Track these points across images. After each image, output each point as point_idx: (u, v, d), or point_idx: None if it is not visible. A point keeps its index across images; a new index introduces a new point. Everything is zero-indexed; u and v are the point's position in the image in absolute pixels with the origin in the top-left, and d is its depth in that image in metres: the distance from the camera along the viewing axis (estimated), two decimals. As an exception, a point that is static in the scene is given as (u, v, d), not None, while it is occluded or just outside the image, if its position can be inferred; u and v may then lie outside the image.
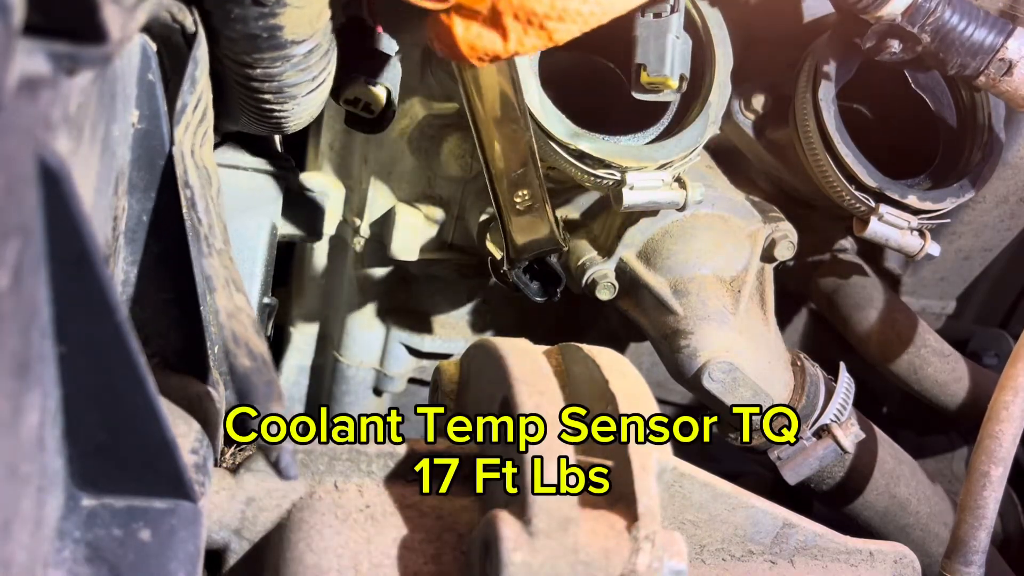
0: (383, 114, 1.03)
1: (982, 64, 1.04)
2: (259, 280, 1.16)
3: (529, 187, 1.07)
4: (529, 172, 1.05)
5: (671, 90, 1.07)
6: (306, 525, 0.64)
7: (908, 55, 1.05)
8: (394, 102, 1.02)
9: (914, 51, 1.04)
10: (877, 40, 1.04)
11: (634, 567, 0.58)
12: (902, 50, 1.03)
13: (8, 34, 0.37)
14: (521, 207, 1.08)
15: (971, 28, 1.02)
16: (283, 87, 0.85)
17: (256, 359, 0.56)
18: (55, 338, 0.48)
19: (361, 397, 1.57)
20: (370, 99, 1.01)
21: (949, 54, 1.04)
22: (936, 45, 1.03)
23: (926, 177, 1.26)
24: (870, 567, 0.78)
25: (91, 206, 0.55)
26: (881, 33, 1.04)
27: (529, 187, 1.07)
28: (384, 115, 1.03)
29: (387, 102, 1.02)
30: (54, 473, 0.52)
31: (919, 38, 1.01)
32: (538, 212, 1.09)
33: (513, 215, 1.09)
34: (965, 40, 1.03)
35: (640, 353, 1.59)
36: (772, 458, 1.20)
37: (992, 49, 1.03)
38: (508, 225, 1.10)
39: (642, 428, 0.63)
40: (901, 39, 1.03)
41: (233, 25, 0.75)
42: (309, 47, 0.82)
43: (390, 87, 1.02)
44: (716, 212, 1.24)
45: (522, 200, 1.07)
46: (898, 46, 1.03)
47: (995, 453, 0.96)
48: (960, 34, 1.02)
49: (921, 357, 1.35)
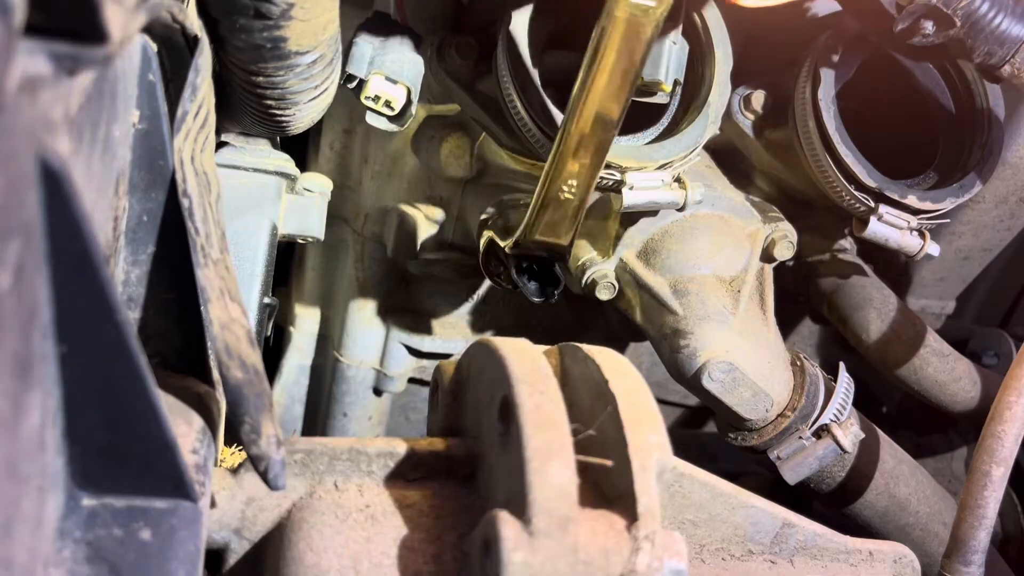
0: (403, 111, 1.03)
1: (1008, 53, 1.04)
2: (259, 280, 1.16)
3: (580, 184, 1.04)
4: (591, 167, 1.03)
5: (664, 93, 1.08)
6: (306, 525, 0.64)
7: (940, 38, 1.04)
8: (414, 100, 1.03)
9: (946, 34, 1.03)
10: (912, 21, 1.03)
11: (634, 567, 0.58)
12: (935, 32, 1.03)
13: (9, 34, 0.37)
14: (562, 195, 1.05)
15: (1000, 17, 1.02)
16: (286, 94, 0.85)
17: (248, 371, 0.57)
18: (56, 338, 0.48)
19: (361, 397, 1.57)
20: (391, 97, 1.02)
21: (977, 41, 1.03)
22: (965, 31, 1.03)
23: (926, 177, 1.26)
24: (870, 567, 0.78)
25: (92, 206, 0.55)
26: (916, 13, 1.03)
27: (580, 184, 1.04)
28: (404, 112, 1.04)
29: (407, 100, 1.03)
30: (54, 473, 0.52)
31: (953, 20, 1.01)
32: (572, 210, 1.07)
33: (554, 195, 1.05)
34: (994, 28, 1.03)
35: (640, 353, 1.59)
36: (772, 458, 1.20)
37: (1019, 40, 1.03)
38: (545, 200, 1.06)
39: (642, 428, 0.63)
40: (935, 20, 1.02)
41: (239, 35, 0.75)
42: (313, 58, 0.82)
43: (410, 85, 1.02)
44: (716, 212, 1.24)
45: (568, 189, 1.05)
46: (932, 28, 1.02)
47: (997, 453, 0.96)
48: (989, 22, 1.02)
49: (921, 357, 1.35)
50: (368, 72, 1.02)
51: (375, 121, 1.05)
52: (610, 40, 0.93)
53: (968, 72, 1.23)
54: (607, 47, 0.94)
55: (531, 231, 1.10)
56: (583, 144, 1.00)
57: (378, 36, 1.02)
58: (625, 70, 0.95)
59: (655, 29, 0.93)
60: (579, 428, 0.65)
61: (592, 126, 0.99)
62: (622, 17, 0.91)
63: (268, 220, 1.20)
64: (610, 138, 1.01)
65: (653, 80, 1.04)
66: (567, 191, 1.04)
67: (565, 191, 1.04)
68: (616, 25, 0.92)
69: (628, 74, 0.95)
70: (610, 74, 0.95)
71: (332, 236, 1.49)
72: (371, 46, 1.02)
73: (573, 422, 0.63)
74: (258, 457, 0.57)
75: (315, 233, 1.29)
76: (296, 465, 0.67)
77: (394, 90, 1.02)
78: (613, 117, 0.99)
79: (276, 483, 0.57)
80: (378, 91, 1.02)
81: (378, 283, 1.50)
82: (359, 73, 1.02)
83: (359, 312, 1.50)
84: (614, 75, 0.95)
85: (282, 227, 1.24)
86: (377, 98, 1.03)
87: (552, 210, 1.07)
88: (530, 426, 0.60)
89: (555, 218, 1.08)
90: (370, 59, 1.02)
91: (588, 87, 0.97)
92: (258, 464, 0.57)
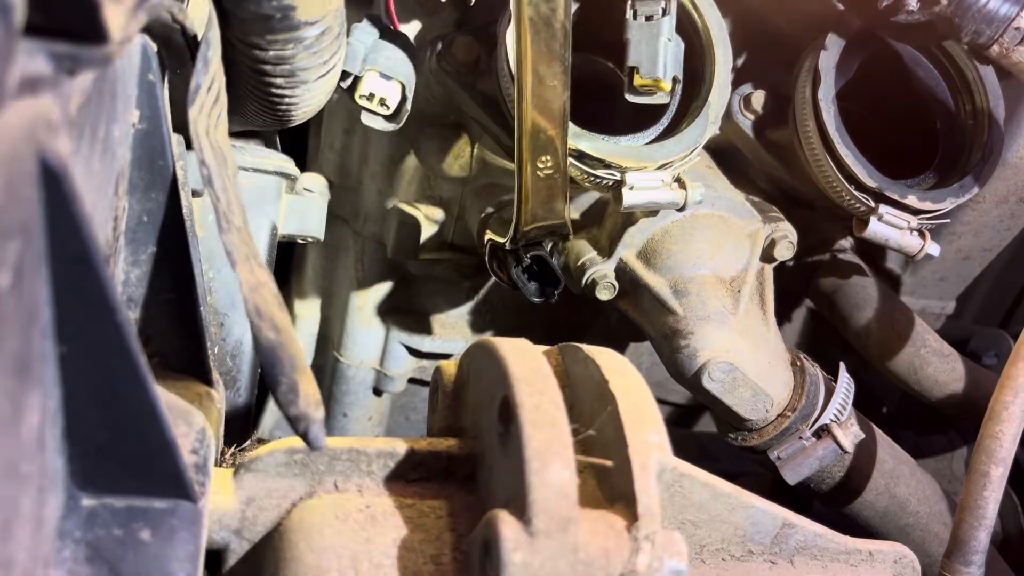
0: (398, 109, 1.03)
1: (996, 32, 1.03)
2: (259, 280, 1.16)
3: (553, 155, 1.03)
4: (557, 139, 1.01)
5: (664, 92, 1.07)
6: (306, 525, 0.64)
7: (925, 16, 1.03)
8: (408, 97, 1.03)
9: (932, 11, 1.02)
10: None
11: (634, 567, 0.58)
12: (919, 9, 1.02)
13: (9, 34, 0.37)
14: (542, 174, 1.04)
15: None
16: (295, 70, 0.85)
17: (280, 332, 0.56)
18: (55, 338, 0.48)
19: (361, 397, 1.57)
20: (385, 95, 1.02)
21: (964, 20, 1.03)
22: (952, 10, 1.02)
23: (926, 177, 1.26)
24: (870, 567, 0.78)
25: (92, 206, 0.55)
26: None
27: (553, 155, 1.03)
28: (399, 111, 1.04)
29: (402, 97, 1.03)
30: (54, 473, 0.52)
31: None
32: (556, 185, 1.05)
33: (532, 180, 1.04)
34: (981, 7, 1.02)
35: (640, 353, 1.59)
36: (772, 458, 1.20)
37: (1007, 18, 1.02)
38: (525, 189, 1.05)
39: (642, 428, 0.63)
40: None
41: (246, 6, 0.75)
42: (321, 29, 0.82)
43: (405, 82, 1.02)
44: (716, 212, 1.24)
45: (544, 166, 1.04)
46: (915, 3, 1.01)
47: (995, 453, 0.96)
48: (976, 0, 1.02)
49: (921, 357, 1.35)
50: (362, 69, 1.02)
51: (371, 121, 1.05)
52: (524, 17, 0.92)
53: (968, 72, 1.23)
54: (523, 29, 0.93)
55: (524, 220, 1.09)
56: (541, 112, 0.99)
57: (371, 35, 1.03)
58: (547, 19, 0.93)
59: None
60: (579, 428, 0.65)
61: (539, 91, 0.97)
62: None
63: (268, 220, 1.20)
64: (563, 101, 0.99)
65: (652, 78, 1.04)
66: (543, 168, 1.03)
67: (541, 168, 1.03)
68: None
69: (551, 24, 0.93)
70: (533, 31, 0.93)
71: (332, 236, 1.49)
72: (363, 45, 1.02)
73: (573, 422, 0.63)
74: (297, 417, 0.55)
75: (315, 233, 1.29)
76: (296, 465, 0.67)
77: (388, 87, 1.02)
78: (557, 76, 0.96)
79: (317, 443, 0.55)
80: (372, 88, 1.02)
81: (378, 283, 1.50)
82: (353, 70, 1.02)
83: (359, 312, 1.50)
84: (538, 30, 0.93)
85: (282, 227, 1.24)
86: (372, 96, 1.02)
87: (537, 192, 1.06)
88: (530, 426, 0.60)
89: (543, 198, 1.07)
90: (363, 56, 1.02)
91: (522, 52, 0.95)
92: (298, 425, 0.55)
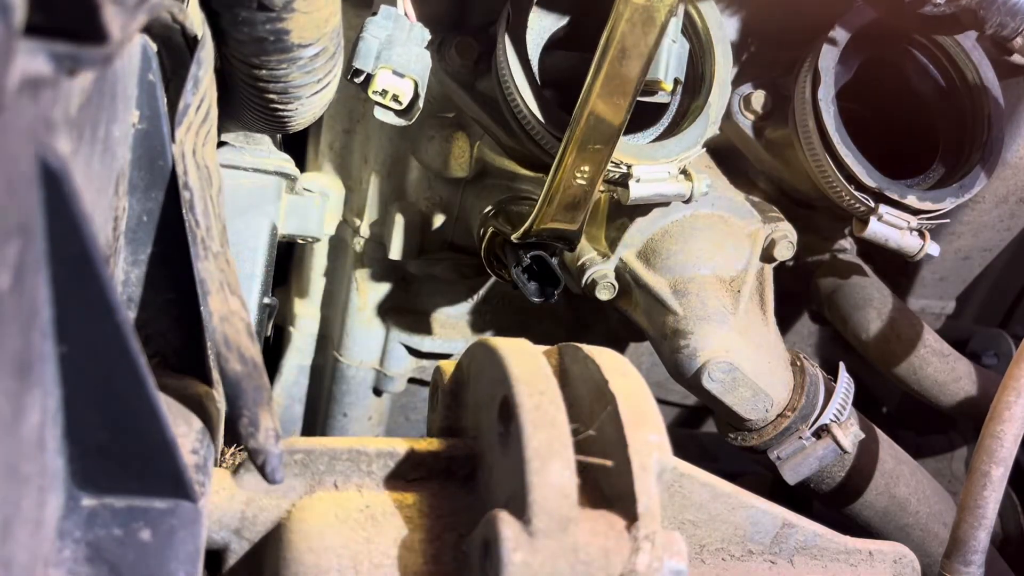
0: (410, 105, 1.03)
1: (1021, 24, 1.03)
2: (259, 280, 1.16)
3: (593, 169, 1.05)
4: (602, 153, 1.03)
5: (665, 92, 1.08)
6: (306, 525, 0.64)
7: (951, 8, 1.03)
8: (421, 94, 1.03)
9: (958, 3, 1.02)
10: None
11: (634, 567, 0.58)
12: (945, 2, 1.02)
13: (9, 34, 0.37)
14: (576, 181, 1.05)
15: None
16: (288, 88, 0.85)
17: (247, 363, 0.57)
18: (55, 338, 0.48)
19: (361, 397, 1.57)
20: (398, 91, 1.02)
21: (989, 12, 1.03)
22: (977, 2, 1.02)
23: (926, 177, 1.26)
24: (870, 567, 0.78)
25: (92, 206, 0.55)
26: None
27: (593, 169, 1.05)
28: (411, 106, 1.04)
29: (414, 94, 1.03)
30: (54, 473, 0.52)
31: None
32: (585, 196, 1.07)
33: (566, 184, 1.06)
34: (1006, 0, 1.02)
35: (640, 353, 1.59)
36: (772, 458, 1.20)
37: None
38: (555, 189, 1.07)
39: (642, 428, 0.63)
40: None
41: (241, 28, 0.75)
42: (315, 51, 0.82)
43: (417, 79, 1.02)
44: (716, 212, 1.24)
45: (581, 176, 1.05)
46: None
47: (996, 453, 0.96)
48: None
49: (921, 357, 1.35)
50: (375, 66, 1.02)
51: (383, 116, 1.05)
52: (624, 24, 0.94)
53: (969, 72, 1.23)
54: (621, 31, 0.95)
55: (543, 218, 1.10)
56: (596, 129, 1.01)
57: (384, 31, 1.02)
58: (639, 55, 0.96)
59: (668, 14, 0.94)
60: (579, 428, 0.65)
61: (605, 111, 1.00)
62: (638, 2, 0.93)
63: (268, 220, 1.20)
64: (621, 124, 1.02)
65: (653, 79, 1.04)
66: (580, 176, 1.05)
67: (578, 177, 1.05)
68: (631, 9, 0.94)
69: (641, 59, 0.97)
70: (624, 59, 0.97)
71: (332, 236, 1.49)
72: (377, 41, 1.02)
73: (573, 422, 0.63)
74: (256, 451, 0.56)
75: (315, 233, 1.29)
76: (296, 465, 0.67)
77: (401, 84, 1.02)
78: (625, 103, 0.99)
79: (274, 477, 0.57)
80: (385, 85, 1.02)
81: (378, 283, 1.50)
82: (366, 67, 1.01)
83: (359, 312, 1.50)
84: (627, 60, 0.97)
85: (282, 227, 1.24)
86: (384, 92, 1.02)
87: (566, 197, 1.08)
88: (530, 426, 0.60)
89: (567, 205, 1.08)
90: (377, 53, 1.02)
91: (602, 71, 0.98)
92: (256, 458, 0.57)
